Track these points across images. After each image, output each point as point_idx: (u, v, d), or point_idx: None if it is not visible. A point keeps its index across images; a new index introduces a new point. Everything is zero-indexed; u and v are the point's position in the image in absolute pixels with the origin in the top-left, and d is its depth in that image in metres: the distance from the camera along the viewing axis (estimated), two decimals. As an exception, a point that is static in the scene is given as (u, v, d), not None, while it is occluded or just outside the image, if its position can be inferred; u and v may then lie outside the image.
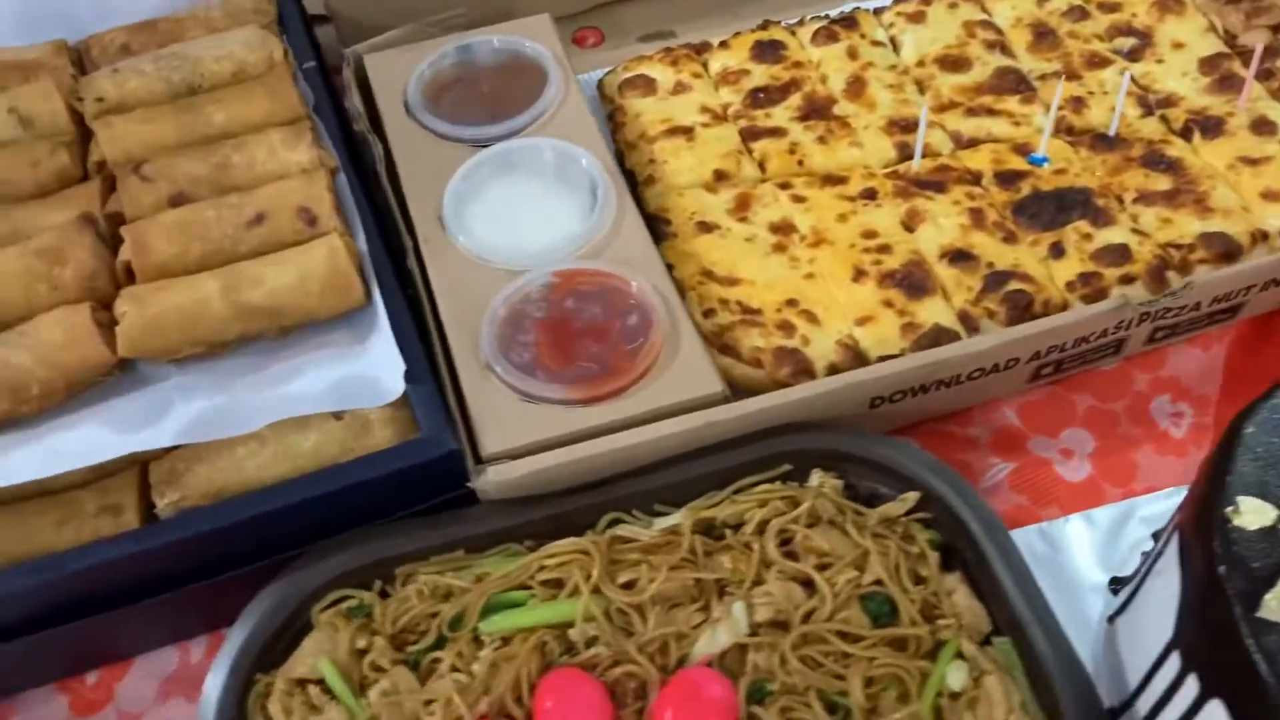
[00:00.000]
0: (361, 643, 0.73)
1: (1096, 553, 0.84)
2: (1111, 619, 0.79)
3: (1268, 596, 0.59)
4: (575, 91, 1.03)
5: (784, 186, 1.01)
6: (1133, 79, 1.07)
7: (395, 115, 1.02)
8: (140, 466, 0.79)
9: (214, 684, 0.72)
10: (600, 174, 0.94)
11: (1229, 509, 0.62)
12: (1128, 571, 0.82)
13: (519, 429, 0.81)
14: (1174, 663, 0.65)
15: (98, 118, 0.94)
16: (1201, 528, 0.63)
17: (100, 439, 0.78)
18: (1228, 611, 0.59)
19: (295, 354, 0.84)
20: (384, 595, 0.76)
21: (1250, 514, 0.62)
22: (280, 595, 0.74)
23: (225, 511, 0.75)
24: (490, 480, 0.78)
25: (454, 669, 0.72)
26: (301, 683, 0.72)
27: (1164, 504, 0.85)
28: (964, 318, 0.91)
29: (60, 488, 0.78)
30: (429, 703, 0.70)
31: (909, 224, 0.98)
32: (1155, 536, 0.84)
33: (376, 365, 0.82)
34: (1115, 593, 0.81)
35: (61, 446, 0.77)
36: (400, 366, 0.81)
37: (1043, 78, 1.09)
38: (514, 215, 0.95)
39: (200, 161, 0.90)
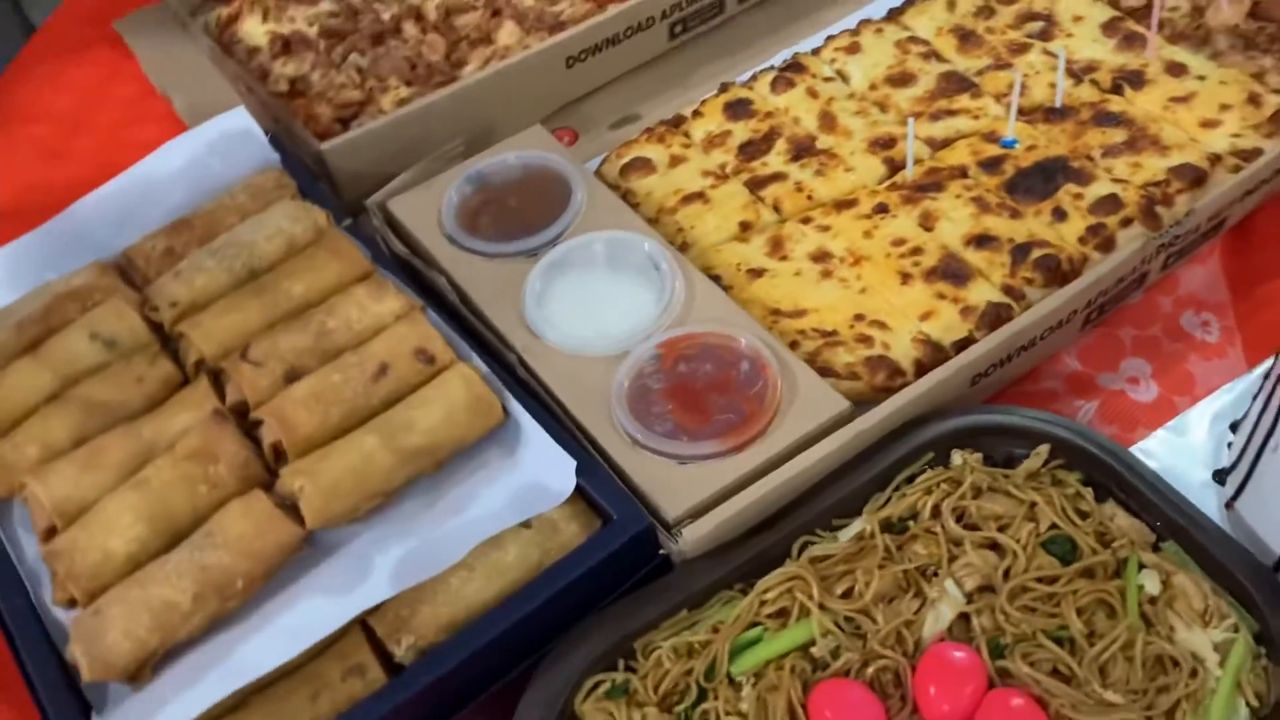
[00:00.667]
0: (636, 717, 0.78)
1: (1190, 455, 0.95)
2: (1229, 504, 0.91)
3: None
4: (597, 184, 1.11)
5: (805, 221, 1.11)
6: (1056, 54, 1.22)
7: (441, 247, 1.07)
8: (360, 623, 0.83)
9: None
10: (659, 250, 1.03)
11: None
12: (1224, 463, 0.94)
13: (689, 490, 0.88)
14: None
15: (178, 321, 0.97)
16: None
17: (324, 609, 0.81)
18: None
19: (458, 482, 0.89)
20: (630, 670, 0.81)
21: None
22: (543, 699, 0.79)
23: (466, 642, 0.79)
24: (687, 541, 0.85)
25: (725, 713, 0.77)
26: (595, 770, 0.76)
27: (1227, 398, 0.98)
28: (1008, 290, 1.02)
29: (296, 664, 0.80)
30: (718, 750, 0.76)
31: (926, 225, 1.09)
32: (1233, 427, 0.96)
33: (537, 470, 0.88)
34: (1222, 483, 0.93)
35: (291, 625, 0.80)
36: (564, 464, 0.87)
37: (979, 73, 1.23)
38: (590, 308, 1.02)
39: (299, 334, 0.94)
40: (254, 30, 1.38)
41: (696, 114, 1.23)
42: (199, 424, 0.88)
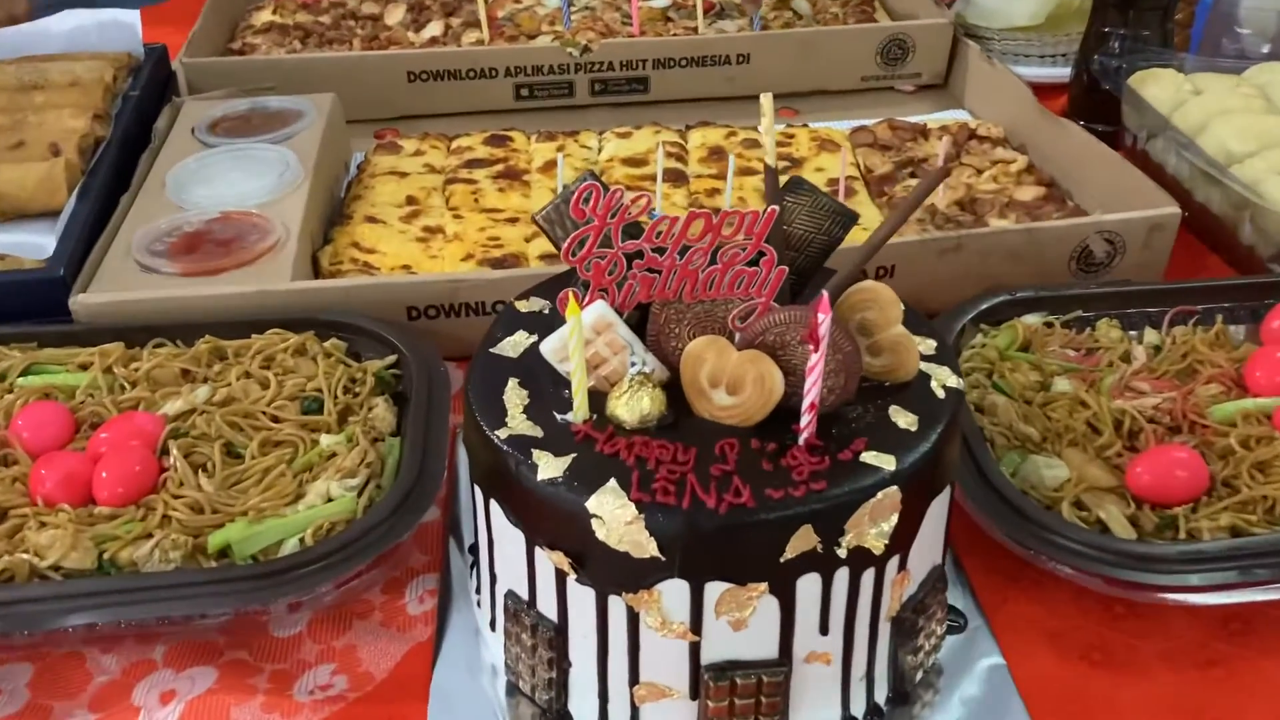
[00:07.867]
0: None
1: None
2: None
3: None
4: (319, 120, 1.33)
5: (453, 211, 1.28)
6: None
7: (183, 131, 1.33)
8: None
9: None
10: (297, 165, 1.23)
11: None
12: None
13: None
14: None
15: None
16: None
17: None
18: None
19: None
20: None
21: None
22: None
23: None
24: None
25: None
26: None
27: None
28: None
29: None
30: None
31: (529, 238, 1.21)
32: None
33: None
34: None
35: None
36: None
37: (699, 176, 1.35)
38: (219, 182, 1.22)
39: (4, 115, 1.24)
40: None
41: (467, 135, 1.43)
42: None
